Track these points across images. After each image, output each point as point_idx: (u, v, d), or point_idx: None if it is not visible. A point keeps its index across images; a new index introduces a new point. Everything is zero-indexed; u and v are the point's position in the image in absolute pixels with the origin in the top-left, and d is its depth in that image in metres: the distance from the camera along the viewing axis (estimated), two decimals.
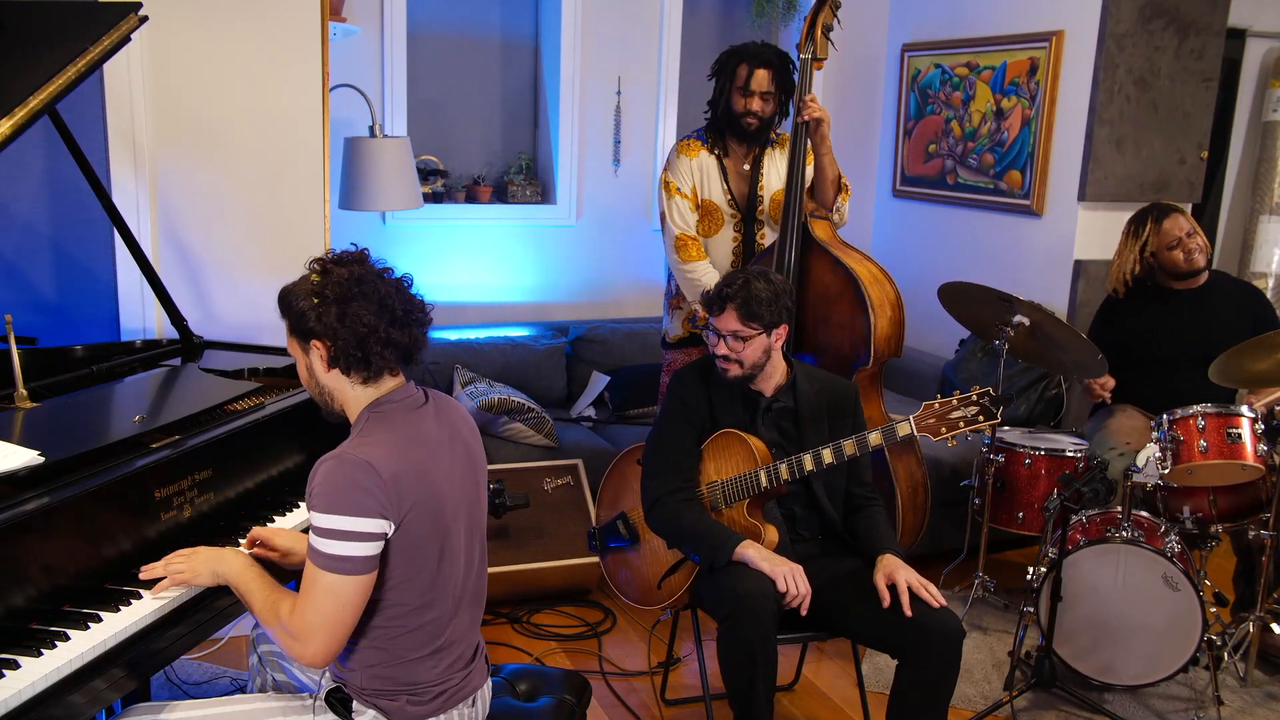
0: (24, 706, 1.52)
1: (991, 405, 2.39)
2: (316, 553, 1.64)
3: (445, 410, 1.85)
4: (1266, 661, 3.20)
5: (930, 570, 3.71)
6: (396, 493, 1.65)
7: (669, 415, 2.63)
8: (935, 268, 4.76)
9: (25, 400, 2.13)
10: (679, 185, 3.24)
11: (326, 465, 1.65)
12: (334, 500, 1.63)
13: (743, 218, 3.30)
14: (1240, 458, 2.96)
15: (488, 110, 4.58)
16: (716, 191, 3.27)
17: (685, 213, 3.24)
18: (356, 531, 1.62)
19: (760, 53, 3.16)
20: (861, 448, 2.45)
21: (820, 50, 3.16)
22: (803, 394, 2.58)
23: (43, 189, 2.87)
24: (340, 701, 1.79)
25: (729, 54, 3.22)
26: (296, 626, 1.66)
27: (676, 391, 2.63)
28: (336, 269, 1.72)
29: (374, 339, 1.69)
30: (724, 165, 3.27)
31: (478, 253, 4.45)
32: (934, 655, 2.34)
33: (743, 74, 3.16)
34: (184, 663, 2.95)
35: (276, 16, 3.01)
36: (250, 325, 3.09)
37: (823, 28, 3.16)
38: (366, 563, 1.65)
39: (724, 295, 2.46)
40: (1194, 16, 4.05)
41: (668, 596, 2.61)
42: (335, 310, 1.69)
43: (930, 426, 2.43)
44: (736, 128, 3.22)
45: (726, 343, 2.48)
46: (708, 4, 4.84)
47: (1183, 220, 3.43)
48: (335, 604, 1.64)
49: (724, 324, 2.47)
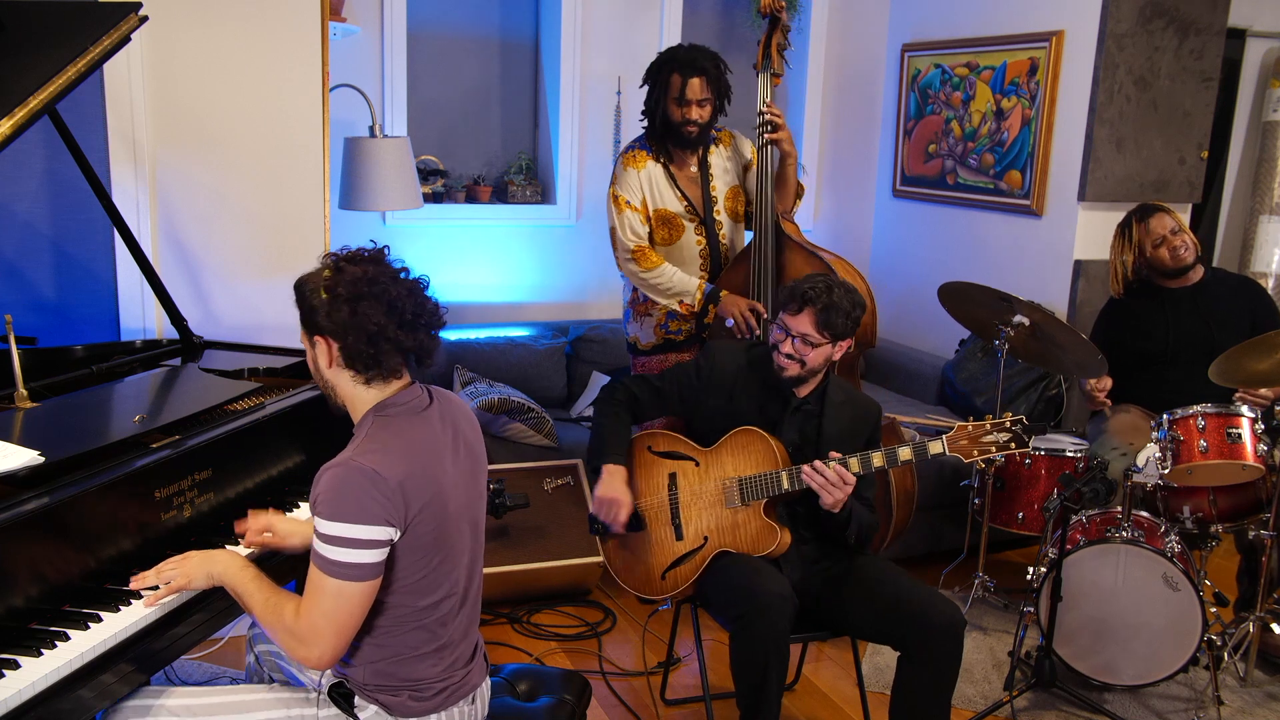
0: (24, 706, 1.52)
1: (1024, 433, 2.43)
2: (322, 559, 1.64)
3: (448, 410, 1.85)
4: (1266, 661, 3.20)
5: (930, 570, 3.74)
6: (402, 500, 1.65)
7: (681, 373, 2.67)
8: (935, 268, 4.76)
9: (25, 400, 2.13)
10: (628, 199, 3.24)
11: (332, 472, 1.65)
12: (339, 508, 1.62)
13: (701, 220, 3.30)
14: (1240, 458, 2.96)
15: (488, 110, 4.58)
16: (670, 199, 3.26)
17: (636, 225, 3.24)
18: (362, 539, 1.62)
19: (693, 60, 3.15)
20: (890, 462, 2.45)
21: (777, 67, 3.29)
22: (831, 403, 2.58)
23: (43, 189, 2.87)
24: (343, 696, 1.80)
25: (661, 62, 3.22)
26: (302, 630, 1.66)
27: (704, 365, 2.64)
28: (350, 267, 1.71)
29: (380, 340, 1.69)
30: (671, 172, 3.27)
31: (478, 253, 4.45)
32: (936, 647, 2.35)
33: (676, 84, 3.15)
34: (183, 662, 2.93)
35: (276, 16, 3.01)
36: (250, 325, 3.10)
37: (777, 47, 3.29)
38: (372, 569, 1.65)
39: (805, 296, 2.45)
40: (1194, 16, 4.05)
41: (671, 588, 2.60)
42: (345, 309, 1.68)
43: (963, 448, 2.45)
44: (677, 137, 3.22)
45: (794, 343, 2.48)
46: (708, 4, 4.84)
47: (1167, 219, 3.44)
48: (341, 609, 1.64)
49: (797, 325, 2.46)
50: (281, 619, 1.69)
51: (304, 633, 1.65)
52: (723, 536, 2.54)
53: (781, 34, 3.30)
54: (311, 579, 1.66)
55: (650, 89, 3.25)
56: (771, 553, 2.49)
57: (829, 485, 2.40)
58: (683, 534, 2.59)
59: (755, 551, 2.49)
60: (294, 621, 1.67)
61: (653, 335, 3.38)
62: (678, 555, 2.60)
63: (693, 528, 2.58)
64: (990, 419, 2.46)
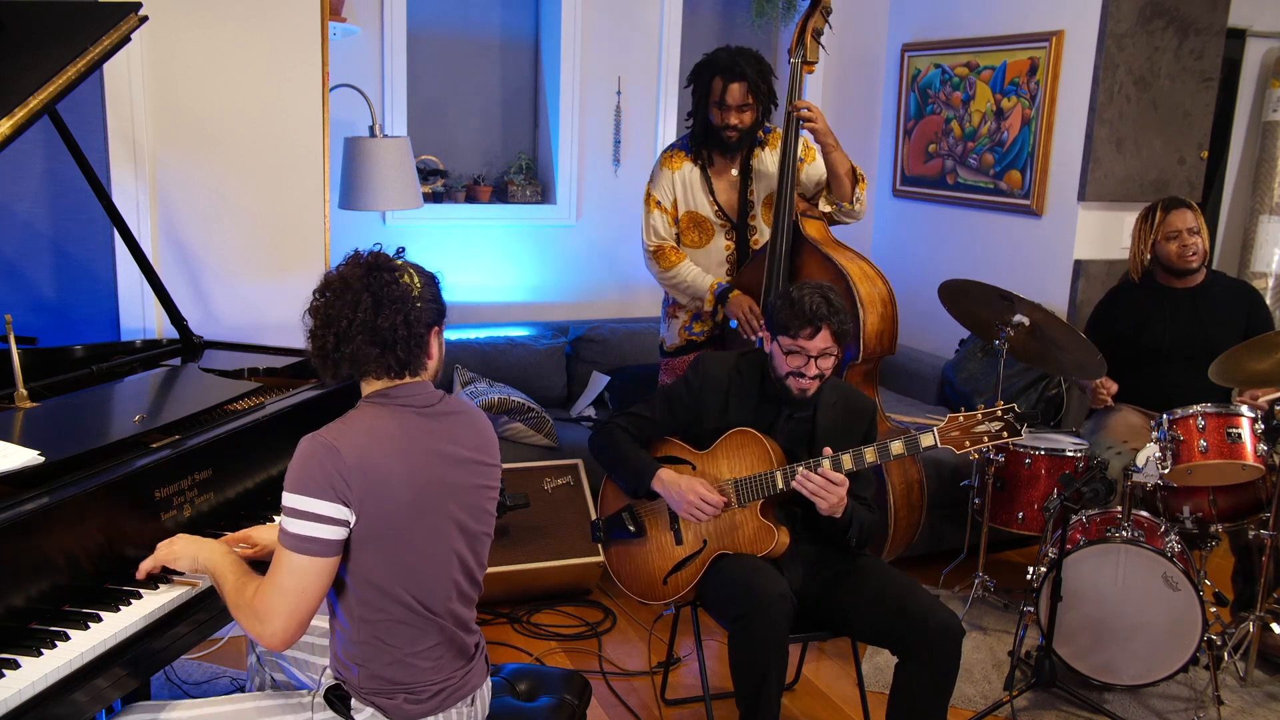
0: (24, 706, 1.52)
1: (1016, 421, 2.41)
2: (283, 531, 1.65)
3: (452, 416, 1.82)
4: (1266, 661, 3.20)
5: (930, 570, 3.74)
6: (356, 481, 1.64)
7: (670, 393, 2.65)
8: (935, 268, 4.76)
9: (25, 400, 2.13)
10: (659, 199, 3.26)
11: (302, 443, 1.67)
12: (298, 479, 1.64)
13: (733, 225, 3.29)
14: (1240, 458, 2.96)
15: (488, 110, 4.58)
16: (703, 203, 3.26)
17: (660, 225, 3.25)
18: (316, 513, 1.63)
19: (733, 65, 3.10)
20: (883, 456, 2.44)
21: (810, 54, 3.17)
22: (824, 403, 2.58)
23: (43, 189, 2.87)
24: (339, 699, 1.79)
25: (702, 66, 3.18)
26: (259, 605, 1.67)
27: (692, 379, 2.63)
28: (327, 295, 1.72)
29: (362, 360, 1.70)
30: (708, 175, 3.26)
31: (478, 253, 4.45)
32: (934, 652, 2.35)
33: (717, 88, 3.13)
34: (184, 662, 2.95)
35: (276, 17, 3.01)
36: (250, 325, 3.10)
37: (813, 32, 3.17)
38: (329, 546, 1.65)
39: (817, 316, 2.41)
40: (1194, 16, 4.05)
41: (673, 593, 2.61)
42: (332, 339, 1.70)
43: (954, 439, 2.43)
44: (717, 141, 3.21)
45: (816, 364, 2.46)
46: (708, 4, 4.84)
47: (1189, 215, 3.44)
48: (297, 584, 1.64)
49: (818, 344, 2.43)
50: (244, 596, 1.70)
51: (260, 608, 1.66)
52: (721, 539, 2.54)
53: (820, 17, 3.16)
54: (275, 556, 1.68)
55: (694, 91, 3.22)
56: (770, 553, 2.49)
57: (820, 490, 2.40)
58: (682, 538, 2.59)
59: (754, 552, 2.49)
60: (253, 597, 1.68)
61: (677, 337, 3.39)
62: (678, 560, 2.60)
63: (692, 531, 2.58)
64: (982, 408, 2.44)
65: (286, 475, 1.66)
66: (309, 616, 1.68)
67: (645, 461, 2.57)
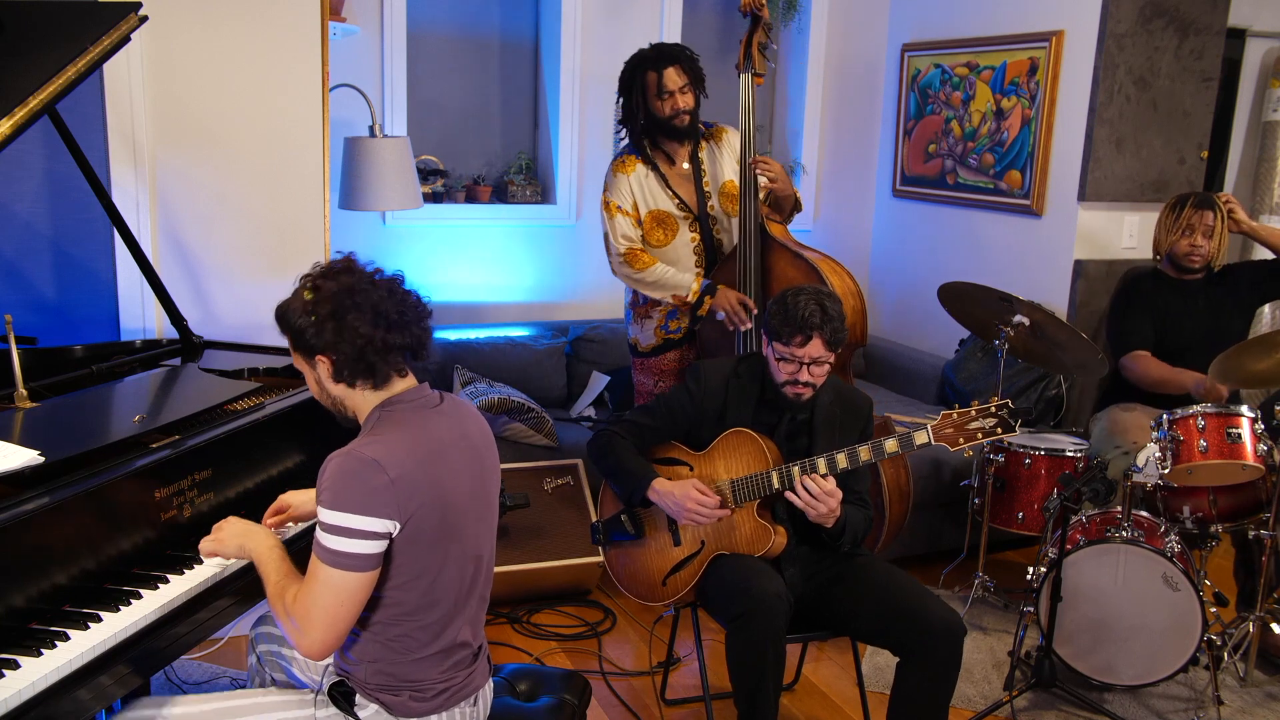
0: (24, 706, 1.52)
1: (1010, 417, 2.41)
2: (320, 547, 1.65)
3: (458, 414, 1.85)
4: (1267, 661, 3.20)
5: (930, 570, 3.74)
6: (403, 491, 1.65)
7: (671, 401, 2.64)
8: (935, 268, 4.76)
9: (25, 400, 2.13)
10: (619, 204, 3.28)
11: (335, 461, 1.66)
12: (340, 497, 1.63)
13: (695, 217, 3.32)
14: (1240, 458, 2.96)
15: (488, 110, 4.58)
16: (662, 200, 3.29)
17: (626, 229, 3.28)
18: (361, 530, 1.63)
19: (661, 54, 3.21)
20: (877, 454, 2.44)
21: (759, 67, 3.30)
22: (820, 404, 2.58)
23: (43, 189, 2.87)
24: (343, 695, 1.80)
25: (630, 68, 3.26)
26: (298, 614, 1.67)
27: (694, 388, 2.62)
28: (326, 283, 1.73)
29: (372, 348, 1.71)
30: (662, 173, 3.30)
31: (478, 253, 4.45)
32: (935, 652, 2.35)
33: (653, 80, 3.20)
34: (184, 662, 2.95)
35: (276, 16, 3.01)
36: (250, 325, 3.09)
37: (758, 46, 3.30)
38: (369, 560, 1.65)
39: (809, 323, 2.40)
40: (1194, 16, 4.05)
41: (672, 594, 2.61)
42: (331, 326, 1.70)
43: (948, 436, 2.43)
44: (670, 130, 3.25)
45: (810, 370, 2.45)
46: (708, 4, 4.84)
47: (1210, 217, 3.46)
48: (334, 599, 1.65)
49: (809, 352, 2.43)
50: (283, 600, 1.71)
51: (298, 618, 1.67)
52: (719, 540, 2.54)
53: (763, 33, 3.31)
54: (310, 567, 1.68)
55: (626, 99, 3.28)
56: (767, 553, 2.49)
57: (811, 502, 2.40)
58: (680, 539, 2.59)
59: (751, 552, 2.49)
60: (291, 605, 1.68)
61: (653, 337, 3.40)
62: (677, 561, 2.60)
63: (690, 532, 2.58)
64: (976, 404, 2.44)
65: (322, 493, 1.65)
66: (347, 628, 1.69)
67: (641, 472, 2.56)
